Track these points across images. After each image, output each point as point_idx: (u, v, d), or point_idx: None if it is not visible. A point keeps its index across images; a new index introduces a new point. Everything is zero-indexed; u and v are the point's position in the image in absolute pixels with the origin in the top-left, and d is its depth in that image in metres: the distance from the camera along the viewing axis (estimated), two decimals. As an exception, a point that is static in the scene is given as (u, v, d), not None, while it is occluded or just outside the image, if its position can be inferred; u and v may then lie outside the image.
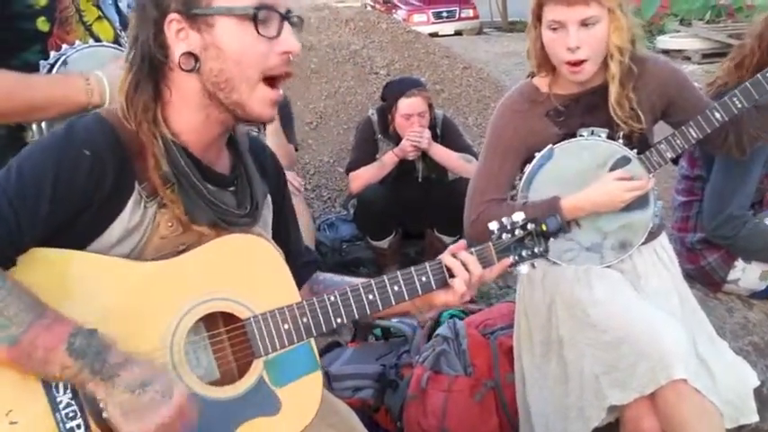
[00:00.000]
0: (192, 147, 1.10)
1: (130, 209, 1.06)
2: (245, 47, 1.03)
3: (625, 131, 1.73)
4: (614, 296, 1.74)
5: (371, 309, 1.20)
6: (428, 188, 3.27)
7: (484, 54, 10.56)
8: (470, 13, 15.04)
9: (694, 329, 1.82)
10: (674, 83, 1.78)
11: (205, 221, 1.10)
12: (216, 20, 1.02)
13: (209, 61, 1.04)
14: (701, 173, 2.43)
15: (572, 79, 1.69)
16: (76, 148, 1.02)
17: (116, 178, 1.04)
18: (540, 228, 1.28)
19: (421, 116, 3.17)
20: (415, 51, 5.88)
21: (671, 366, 1.58)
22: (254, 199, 1.19)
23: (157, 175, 1.06)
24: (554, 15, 1.63)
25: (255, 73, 1.05)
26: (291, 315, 1.15)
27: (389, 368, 2.26)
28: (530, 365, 1.91)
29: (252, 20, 1.02)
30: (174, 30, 1.03)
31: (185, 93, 1.08)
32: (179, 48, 1.04)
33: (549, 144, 1.73)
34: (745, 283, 2.52)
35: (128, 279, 1.05)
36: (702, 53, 9.32)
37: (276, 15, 1.04)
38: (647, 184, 1.72)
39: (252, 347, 1.13)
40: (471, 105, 5.48)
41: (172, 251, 1.10)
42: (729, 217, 2.32)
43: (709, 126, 1.71)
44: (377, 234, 3.29)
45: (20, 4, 1.39)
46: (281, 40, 1.05)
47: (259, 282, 1.16)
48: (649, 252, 1.87)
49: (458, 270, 1.22)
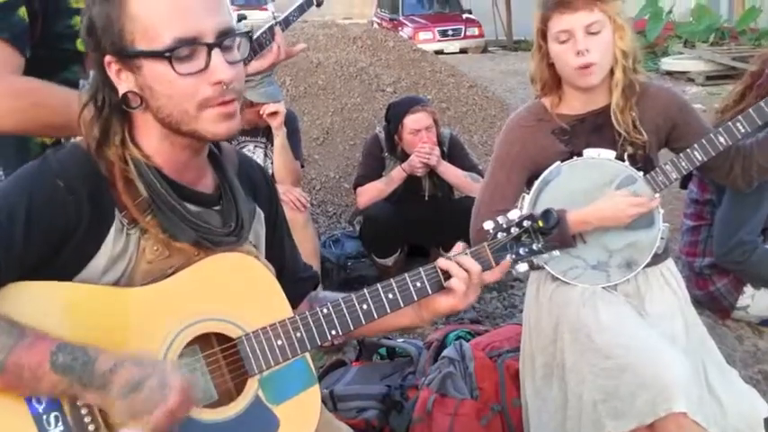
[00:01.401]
0: (166, 169, 1.09)
1: (113, 237, 1.04)
2: (171, 85, 1.01)
3: (630, 152, 1.75)
4: (620, 323, 1.73)
5: (366, 318, 1.17)
6: (434, 206, 3.27)
7: (489, 72, 10.63)
8: (476, 32, 15.20)
9: (703, 357, 1.81)
10: (676, 106, 1.82)
11: (186, 241, 1.08)
12: (141, 62, 1.01)
13: (150, 100, 1.03)
14: (711, 197, 2.43)
15: (583, 84, 1.72)
16: (49, 180, 1.01)
17: (94, 208, 1.03)
18: (537, 224, 1.25)
19: (428, 130, 3.19)
20: (422, 69, 5.91)
21: (672, 398, 1.56)
22: (239, 217, 1.17)
23: (133, 202, 1.05)
24: (560, 25, 1.67)
25: (192, 107, 1.02)
26: (284, 330, 1.13)
27: (394, 389, 2.24)
28: (531, 389, 1.90)
29: (167, 60, 0.99)
30: (114, 70, 1.03)
31: (146, 125, 1.07)
32: (121, 87, 1.04)
33: (557, 161, 1.75)
34: (755, 311, 2.51)
35: (116, 305, 1.04)
36: (706, 75, 9.38)
37: (201, 47, 1.00)
38: (652, 203, 1.74)
39: (245, 366, 1.11)
40: (477, 124, 5.50)
41: (161, 275, 1.08)
42: (739, 242, 2.31)
43: (713, 149, 1.73)
44: (382, 251, 3.28)
45: (61, 26, 1.44)
46: (211, 71, 1.01)
47: (249, 299, 1.14)
48: (656, 275, 1.87)
49: (454, 270, 1.19)
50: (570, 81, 1.75)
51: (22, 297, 0.99)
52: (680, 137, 1.81)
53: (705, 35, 10.99)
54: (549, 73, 1.76)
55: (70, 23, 1.44)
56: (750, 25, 10.81)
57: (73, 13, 1.44)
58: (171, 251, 1.08)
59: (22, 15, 1.35)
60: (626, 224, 1.74)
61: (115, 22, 1.00)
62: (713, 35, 10.97)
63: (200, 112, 1.03)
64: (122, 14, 1.00)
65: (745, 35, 10.67)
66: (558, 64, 1.73)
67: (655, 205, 1.76)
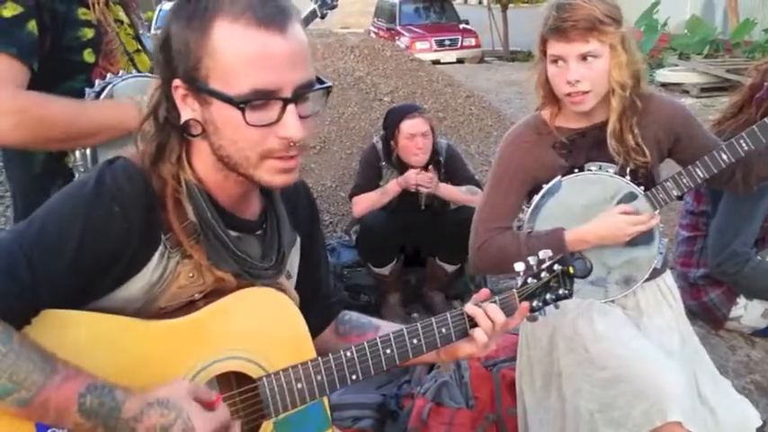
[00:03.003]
0: (216, 195, 1.06)
1: (155, 262, 1.02)
2: (237, 131, 0.96)
3: (631, 167, 1.74)
4: (615, 333, 1.74)
5: (388, 363, 1.14)
6: (430, 216, 3.28)
7: (485, 82, 10.67)
8: (472, 42, 15.25)
9: (696, 368, 1.82)
10: (679, 120, 1.79)
11: (228, 270, 1.07)
12: (212, 99, 0.96)
13: (212, 135, 1.00)
14: (706, 209, 2.45)
15: (574, 110, 1.71)
16: (106, 205, 0.97)
17: (144, 233, 1.00)
18: (568, 270, 1.25)
19: (424, 136, 3.19)
20: (419, 79, 5.93)
21: (667, 408, 1.57)
22: (280, 249, 1.15)
23: (182, 226, 1.02)
24: (555, 50, 1.66)
25: (254, 155, 0.98)
26: (305, 373, 1.10)
27: (390, 398, 2.25)
28: (531, 399, 1.90)
29: (240, 109, 0.94)
30: (180, 95, 0.99)
31: (203, 152, 1.04)
32: (185, 113, 1.00)
33: (557, 175, 1.74)
34: (748, 321, 2.53)
35: (141, 340, 1.02)
36: (701, 87, 9.43)
37: (276, 102, 0.95)
38: (652, 220, 1.73)
39: (263, 409, 1.09)
40: (473, 133, 5.51)
41: (187, 300, 1.07)
42: (733, 254, 2.33)
43: (715, 167, 1.72)
44: (378, 260, 3.29)
45: (69, 37, 1.45)
46: (282, 125, 0.96)
47: (274, 338, 1.12)
48: (652, 289, 1.87)
49: (480, 319, 1.18)
50: (563, 101, 1.74)
51: (50, 325, 0.97)
52: (683, 149, 1.79)
53: (700, 47, 11.06)
54: (547, 87, 1.75)
55: (78, 35, 1.46)
56: (744, 38, 10.88)
57: (81, 25, 1.46)
58: (205, 279, 1.07)
59: (31, 29, 1.36)
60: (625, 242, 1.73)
61: (193, 51, 0.95)
62: (708, 47, 11.03)
63: (261, 161, 0.99)
64: (203, 46, 0.94)
65: (740, 48, 10.74)
66: (552, 84, 1.72)
67: (655, 223, 1.74)
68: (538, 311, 1.25)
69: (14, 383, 0.90)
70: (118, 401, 0.94)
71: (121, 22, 1.59)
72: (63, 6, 1.42)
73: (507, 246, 1.70)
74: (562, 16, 1.61)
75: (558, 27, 1.62)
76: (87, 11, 1.47)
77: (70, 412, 0.92)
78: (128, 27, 1.62)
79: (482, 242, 1.75)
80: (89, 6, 1.48)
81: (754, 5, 10.99)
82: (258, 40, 0.93)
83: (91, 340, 0.99)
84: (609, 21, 1.62)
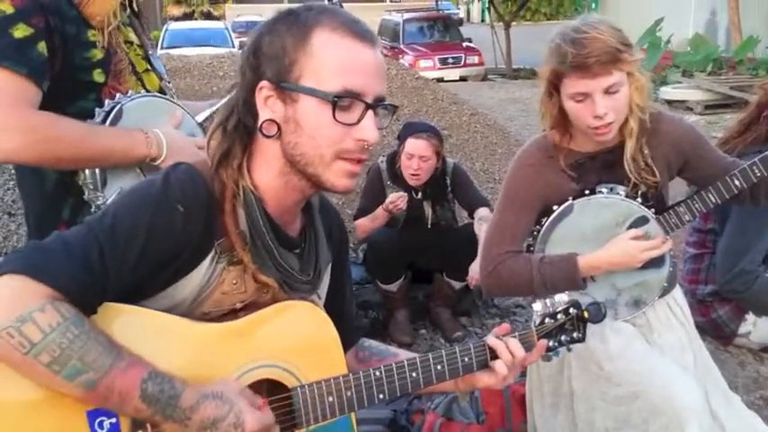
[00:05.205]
0: (268, 206, 1.12)
1: (207, 265, 1.08)
2: (321, 127, 1.04)
3: (642, 189, 1.73)
4: (629, 350, 1.74)
5: (413, 386, 1.19)
6: (437, 234, 3.30)
7: (489, 100, 10.72)
8: (476, 60, 15.35)
9: (707, 384, 1.82)
10: (689, 141, 1.78)
11: (271, 278, 1.12)
12: (300, 96, 1.05)
13: (289, 133, 1.06)
14: (714, 226, 2.46)
15: (599, 140, 1.69)
16: (172, 204, 1.04)
17: (202, 234, 1.06)
18: (582, 314, 1.29)
19: (422, 159, 3.19)
20: (424, 97, 5.98)
21: (685, 423, 1.58)
22: (317, 266, 1.20)
23: (237, 232, 1.08)
24: (578, 88, 1.61)
25: (329, 152, 1.06)
26: (337, 387, 1.14)
27: (400, 413, 2.25)
28: (540, 416, 1.91)
29: (331, 104, 1.03)
30: (264, 96, 1.07)
31: (268, 157, 1.10)
32: (264, 113, 1.07)
33: (568, 198, 1.73)
34: (756, 337, 2.53)
35: (187, 340, 1.07)
36: (705, 104, 9.46)
37: (360, 104, 1.05)
38: (664, 246, 1.72)
39: (295, 418, 1.12)
40: (478, 151, 5.55)
41: (228, 307, 1.12)
42: (741, 272, 2.34)
43: (728, 192, 1.73)
44: (386, 277, 3.30)
45: (79, 58, 1.47)
46: (360, 128, 1.05)
47: (310, 350, 1.16)
48: (662, 306, 1.87)
49: (501, 351, 1.22)
50: (584, 133, 1.70)
51: (110, 317, 1.02)
52: (692, 169, 1.79)
53: (703, 65, 11.10)
54: (560, 118, 1.72)
55: (87, 55, 1.48)
56: (748, 55, 10.93)
57: (90, 47, 1.48)
58: (247, 287, 1.12)
59: (41, 50, 1.39)
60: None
61: (290, 53, 1.04)
62: (711, 65, 11.07)
63: (333, 160, 1.07)
64: (301, 49, 1.04)
65: (743, 65, 10.78)
66: (573, 118, 1.68)
67: (667, 249, 1.73)
68: (552, 351, 1.29)
69: (84, 364, 0.94)
70: (177, 390, 0.99)
71: (131, 43, 1.62)
72: (73, 28, 1.45)
73: (520, 270, 1.70)
74: (582, 52, 1.56)
75: (581, 64, 1.57)
76: (96, 32, 1.49)
77: (132, 397, 0.96)
78: (137, 48, 1.64)
79: (494, 266, 1.73)
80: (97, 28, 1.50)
81: (756, 23, 11.05)
82: (354, 48, 1.05)
83: (143, 334, 1.03)
84: (624, 48, 1.59)
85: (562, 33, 1.62)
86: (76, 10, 1.46)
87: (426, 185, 3.30)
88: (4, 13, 1.36)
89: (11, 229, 3.78)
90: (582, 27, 1.59)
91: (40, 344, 0.92)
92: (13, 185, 3.99)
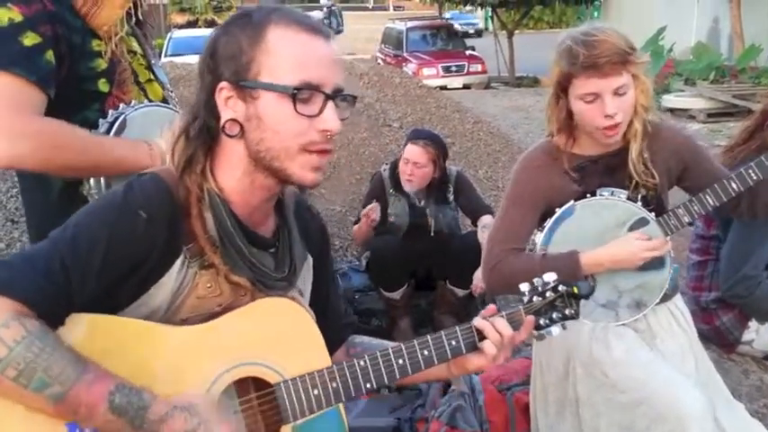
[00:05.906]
0: (236, 207, 1.12)
1: (176, 270, 1.08)
2: (284, 121, 1.06)
3: (643, 193, 1.76)
4: (633, 356, 1.75)
5: (401, 373, 1.19)
6: (440, 242, 3.31)
7: (492, 108, 10.74)
8: (479, 68, 15.41)
9: (711, 392, 1.82)
10: (688, 149, 1.82)
11: (244, 277, 1.12)
12: (260, 93, 1.06)
13: (252, 131, 1.07)
14: (717, 233, 2.46)
15: (606, 142, 1.73)
16: (133, 211, 1.05)
17: (168, 240, 1.06)
18: (572, 290, 1.27)
19: (416, 166, 3.22)
20: (427, 105, 6.00)
21: (688, 430, 1.58)
22: (292, 263, 1.20)
23: (206, 237, 1.08)
24: (588, 88, 1.65)
25: (294, 145, 1.07)
26: (321, 380, 1.15)
27: (404, 422, 2.25)
28: (544, 424, 1.91)
29: (291, 98, 1.05)
30: (224, 97, 1.07)
31: (232, 158, 1.11)
32: (226, 114, 1.08)
33: (570, 199, 1.76)
34: (760, 345, 2.53)
35: (163, 344, 1.06)
36: (707, 113, 9.47)
37: (320, 95, 1.06)
38: (664, 247, 1.75)
39: (281, 413, 1.12)
40: (482, 159, 5.56)
41: (206, 312, 1.12)
42: (744, 277, 2.34)
43: (725, 195, 1.75)
44: (389, 285, 3.30)
45: (84, 67, 1.49)
46: (322, 119, 1.07)
47: (290, 345, 1.16)
48: (664, 312, 1.89)
49: (488, 331, 1.22)
50: (591, 135, 1.74)
51: (80, 327, 1.01)
52: (691, 177, 1.82)
53: (705, 73, 11.11)
54: (566, 121, 1.76)
55: (92, 65, 1.49)
56: (750, 63, 10.94)
57: (95, 56, 1.49)
58: (222, 289, 1.12)
59: (49, 58, 1.40)
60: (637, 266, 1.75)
61: (246, 52, 1.06)
62: (713, 73, 11.08)
63: (299, 153, 1.08)
64: (257, 46, 1.06)
65: (746, 73, 10.79)
66: (581, 120, 1.72)
67: (667, 249, 1.76)
68: (544, 329, 1.27)
69: (50, 378, 0.94)
70: (146, 401, 0.99)
71: (134, 52, 1.63)
72: (78, 38, 1.46)
73: (522, 267, 1.72)
74: (593, 53, 1.61)
75: (593, 64, 1.61)
76: (101, 42, 1.51)
77: (100, 409, 0.96)
78: (140, 57, 1.65)
79: (496, 262, 1.76)
80: (102, 38, 1.52)
81: (759, 31, 11.04)
82: (309, 42, 1.07)
83: (113, 344, 1.03)
84: (631, 50, 1.64)
85: (572, 37, 1.67)
86: (81, 20, 1.48)
87: (429, 193, 3.31)
88: (14, 21, 1.38)
89: (14, 236, 3.79)
90: (591, 31, 1.65)
91: (5, 359, 0.92)
92: (16, 192, 4.00)
